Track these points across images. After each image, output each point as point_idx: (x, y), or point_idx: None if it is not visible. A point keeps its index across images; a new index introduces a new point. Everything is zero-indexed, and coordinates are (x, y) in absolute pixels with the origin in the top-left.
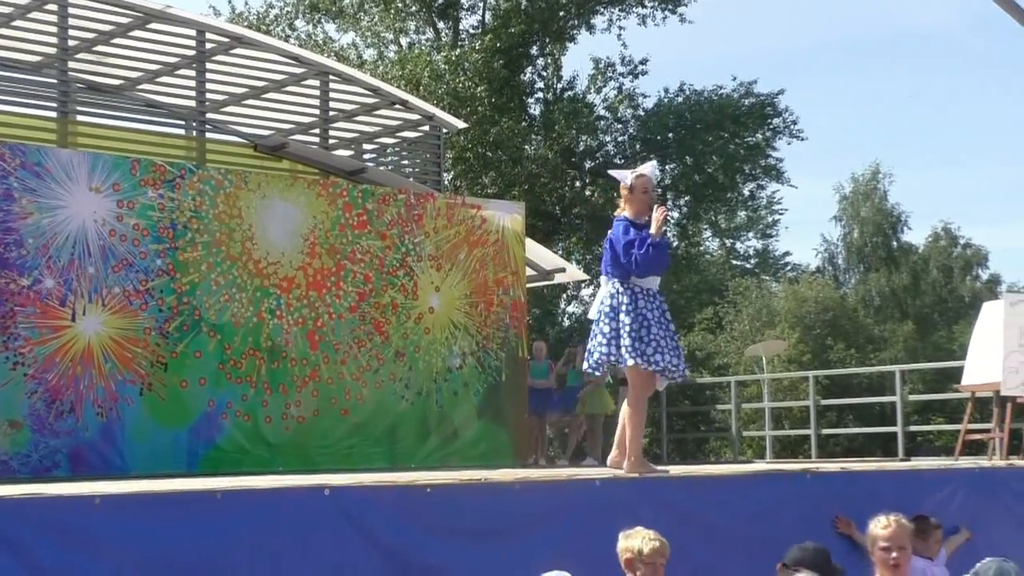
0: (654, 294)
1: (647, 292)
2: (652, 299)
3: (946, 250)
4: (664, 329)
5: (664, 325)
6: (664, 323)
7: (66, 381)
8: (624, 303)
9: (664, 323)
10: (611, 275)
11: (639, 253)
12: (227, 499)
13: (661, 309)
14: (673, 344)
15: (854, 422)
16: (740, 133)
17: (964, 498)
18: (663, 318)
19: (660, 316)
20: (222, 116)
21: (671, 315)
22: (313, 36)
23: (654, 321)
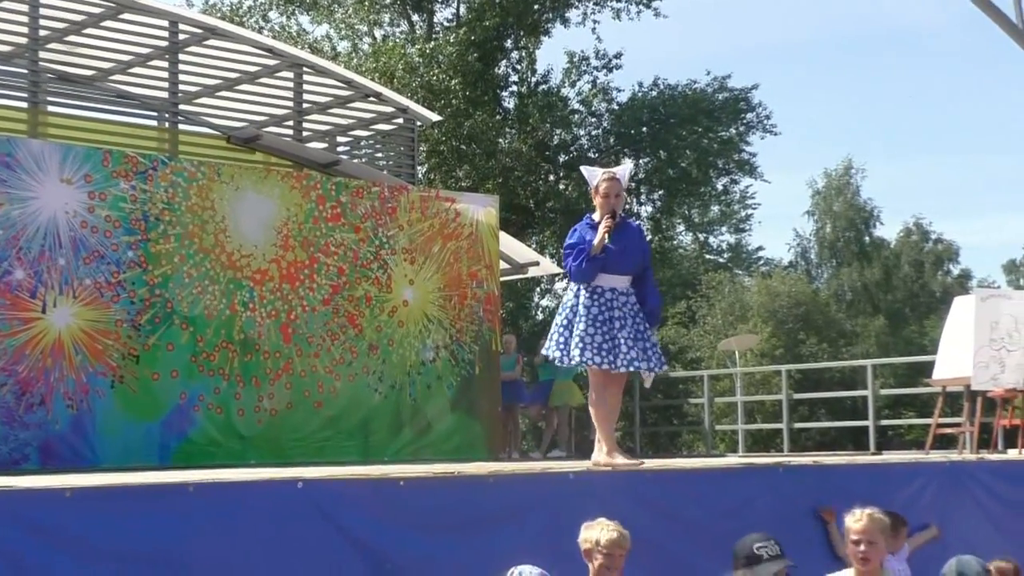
0: (615, 291)
1: (599, 290)
2: (597, 296)
3: (918, 245)
4: (599, 324)
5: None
6: (608, 320)
7: (36, 373)
8: (564, 300)
9: (608, 320)
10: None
11: (572, 264)
12: (200, 492)
13: (609, 305)
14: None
15: (826, 416)
16: (714, 128)
17: (935, 491)
18: (612, 315)
19: (608, 313)
20: (195, 108)
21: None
22: (287, 28)
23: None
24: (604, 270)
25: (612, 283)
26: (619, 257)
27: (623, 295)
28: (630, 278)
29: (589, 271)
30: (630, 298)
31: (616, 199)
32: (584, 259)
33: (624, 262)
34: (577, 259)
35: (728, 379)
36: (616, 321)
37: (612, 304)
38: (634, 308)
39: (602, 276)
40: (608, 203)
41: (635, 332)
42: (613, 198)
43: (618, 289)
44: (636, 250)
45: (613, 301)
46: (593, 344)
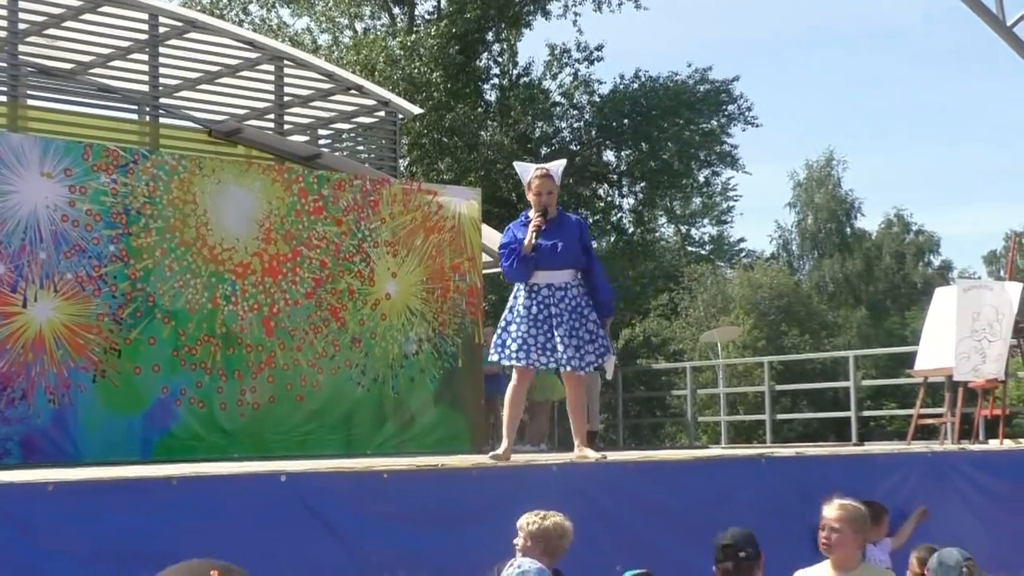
0: (552, 287)
1: (536, 287)
2: (534, 293)
3: (899, 237)
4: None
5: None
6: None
7: (17, 368)
8: (510, 299)
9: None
10: None
11: (504, 263)
12: (183, 486)
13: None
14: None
15: (808, 407)
16: (695, 119)
17: (916, 482)
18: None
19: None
20: (176, 101)
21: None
22: (267, 21)
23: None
24: (539, 267)
25: (548, 279)
26: (553, 253)
27: (561, 290)
28: (570, 272)
29: (521, 270)
30: (569, 292)
31: (548, 196)
32: (515, 259)
33: (559, 257)
34: (508, 259)
35: (710, 371)
36: (554, 319)
37: (549, 301)
38: (573, 303)
39: (538, 273)
40: (540, 201)
41: (570, 330)
42: (545, 196)
43: (555, 284)
44: (572, 244)
45: (550, 298)
46: (537, 345)
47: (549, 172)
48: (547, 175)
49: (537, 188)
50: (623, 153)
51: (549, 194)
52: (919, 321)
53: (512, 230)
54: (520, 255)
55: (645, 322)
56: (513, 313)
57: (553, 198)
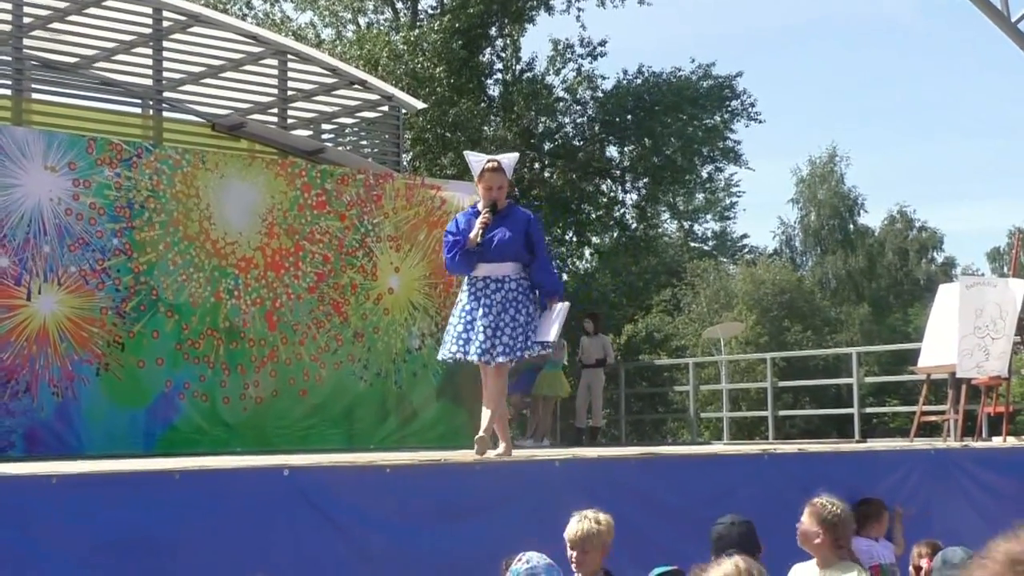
0: (488, 279)
1: (473, 279)
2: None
3: (902, 233)
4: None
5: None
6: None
7: (21, 360)
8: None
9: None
10: None
11: (446, 255)
12: (186, 479)
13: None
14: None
15: (810, 404)
16: (698, 115)
17: (919, 479)
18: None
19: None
20: (179, 95)
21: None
22: (270, 15)
23: (466, 308)
24: (481, 259)
25: (488, 272)
26: (495, 247)
27: (497, 283)
28: (512, 266)
29: (463, 263)
30: (507, 285)
31: (498, 191)
32: (458, 251)
33: (500, 251)
34: (451, 251)
35: (713, 367)
36: (480, 308)
37: (482, 293)
38: (509, 296)
39: (480, 266)
40: (490, 195)
41: (494, 321)
42: (495, 190)
43: (492, 277)
44: (517, 239)
45: (485, 289)
46: (455, 335)
47: (500, 165)
48: (499, 168)
49: (488, 182)
50: (626, 148)
51: (499, 188)
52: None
53: (456, 220)
54: (463, 248)
55: (648, 318)
56: (456, 308)
57: (503, 192)
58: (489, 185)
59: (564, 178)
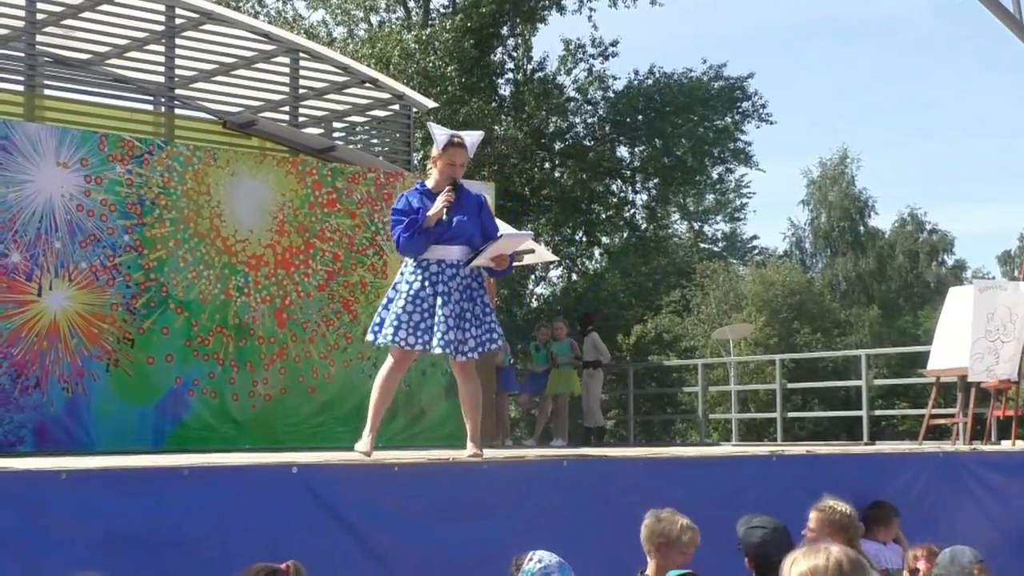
0: (443, 264)
1: (425, 263)
2: (426, 270)
3: (912, 235)
4: (423, 302)
5: (430, 298)
6: (432, 296)
7: (32, 356)
8: (398, 276)
9: (432, 296)
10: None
11: (402, 234)
12: (194, 476)
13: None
14: (429, 321)
15: (819, 406)
16: (709, 116)
17: (927, 482)
18: (435, 289)
19: (431, 289)
20: (191, 92)
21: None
22: (283, 13)
23: (416, 295)
24: (436, 242)
25: (441, 255)
26: (451, 228)
27: (452, 267)
28: (465, 249)
29: (419, 244)
30: (461, 271)
31: (460, 168)
32: (415, 230)
33: (456, 234)
34: (408, 230)
35: (722, 368)
36: (439, 297)
37: (437, 279)
38: (465, 282)
39: (433, 248)
40: (452, 171)
41: (458, 311)
42: (458, 167)
43: (446, 261)
44: (472, 220)
45: (440, 275)
46: (410, 324)
47: (465, 142)
48: (463, 145)
49: (451, 157)
50: (637, 149)
51: (461, 166)
52: (932, 321)
53: (407, 198)
54: (421, 228)
55: (657, 318)
56: (396, 290)
57: (463, 171)
58: (452, 161)
59: (574, 178)
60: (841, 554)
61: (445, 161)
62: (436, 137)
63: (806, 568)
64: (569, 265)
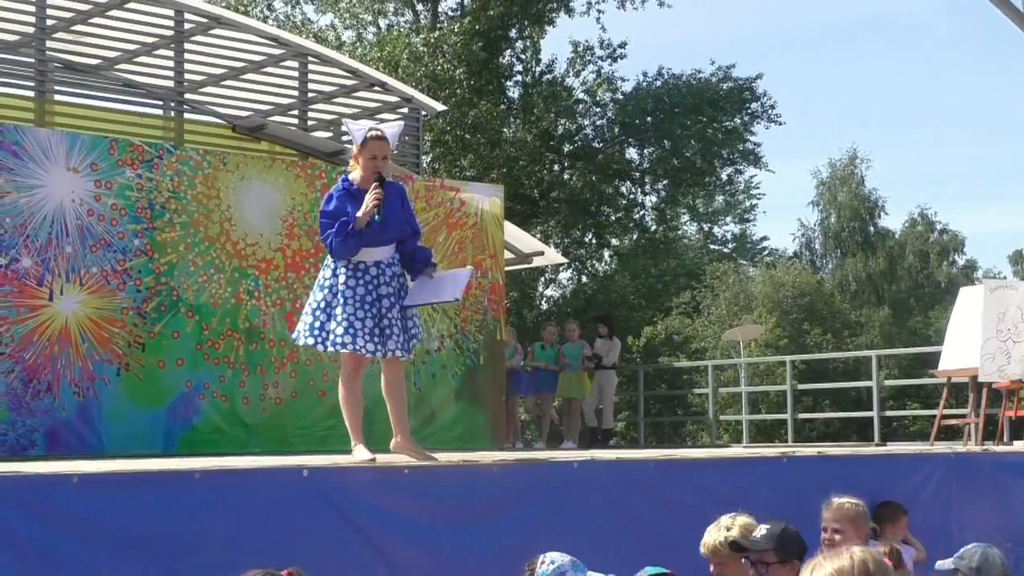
0: (380, 265)
1: (363, 266)
2: (364, 273)
3: (923, 235)
4: (371, 307)
5: (375, 303)
6: (376, 301)
7: (43, 360)
8: (326, 275)
9: (376, 301)
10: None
11: (334, 238)
12: (206, 480)
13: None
14: (379, 326)
15: (830, 407)
16: (718, 117)
17: (939, 483)
18: (379, 292)
19: (375, 292)
20: (200, 97)
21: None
22: (291, 17)
23: (362, 300)
24: (368, 244)
25: (376, 256)
26: (383, 226)
27: (388, 267)
28: (394, 246)
29: (353, 246)
30: (395, 269)
31: (383, 161)
32: (348, 233)
33: (389, 231)
34: (339, 233)
35: (732, 369)
36: (384, 300)
37: (378, 281)
38: (398, 283)
39: (364, 250)
40: (375, 165)
41: (400, 313)
42: (381, 160)
43: (383, 262)
44: (399, 215)
45: (379, 277)
46: (364, 330)
47: (385, 134)
48: (383, 137)
49: (373, 151)
50: (646, 151)
51: (384, 159)
52: (942, 321)
53: (335, 199)
54: (353, 231)
55: (667, 320)
56: (334, 293)
57: (388, 164)
58: (374, 154)
59: (584, 180)
60: (866, 554)
61: (366, 156)
62: (353, 133)
63: (832, 570)
64: (579, 267)
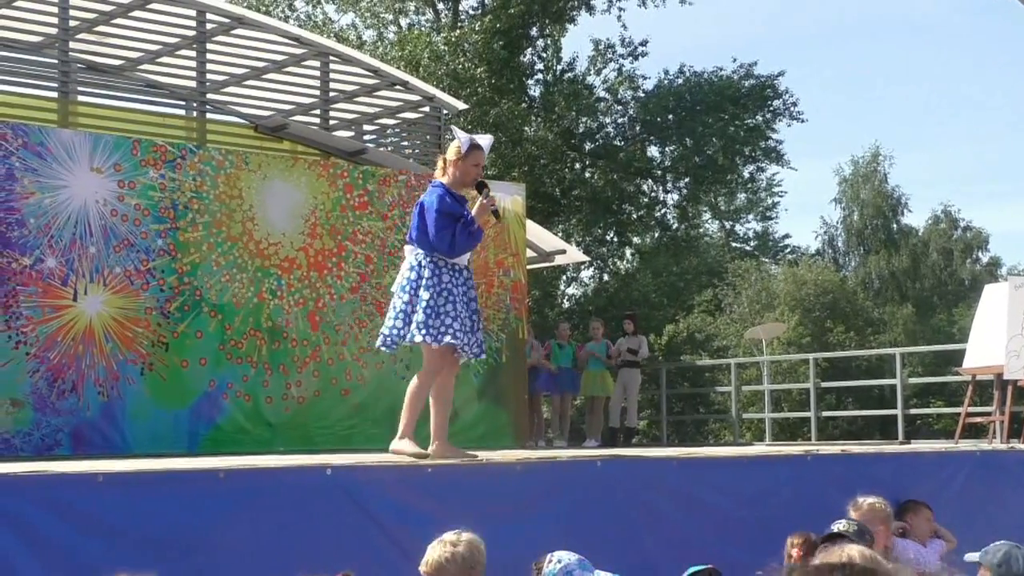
0: (460, 269)
1: (452, 267)
2: (457, 274)
3: (946, 233)
4: (464, 306)
5: (464, 302)
6: (465, 300)
7: (68, 360)
8: (426, 276)
9: (465, 300)
10: (416, 244)
11: (459, 234)
12: (230, 479)
13: (467, 285)
14: (470, 323)
15: (853, 405)
16: (740, 115)
17: (964, 481)
18: (466, 295)
19: (464, 292)
20: (223, 97)
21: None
22: (312, 17)
23: (457, 296)
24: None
25: (465, 261)
26: (478, 230)
27: (469, 271)
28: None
29: (473, 243)
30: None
31: (481, 170)
32: (471, 231)
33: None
34: (464, 233)
35: (755, 367)
36: (472, 302)
37: (468, 285)
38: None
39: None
40: (477, 173)
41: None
42: (480, 168)
43: (470, 268)
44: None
45: (469, 280)
46: (463, 329)
47: (482, 145)
48: (482, 147)
49: (476, 159)
50: (667, 149)
51: (482, 167)
52: (966, 319)
53: (444, 199)
54: (475, 229)
55: (689, 318)
56: (438, 291)
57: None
58: (477, 162)
59: (605, 178)
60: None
61: (471, 163)
62: (460, 139)
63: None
64: (600, 265)
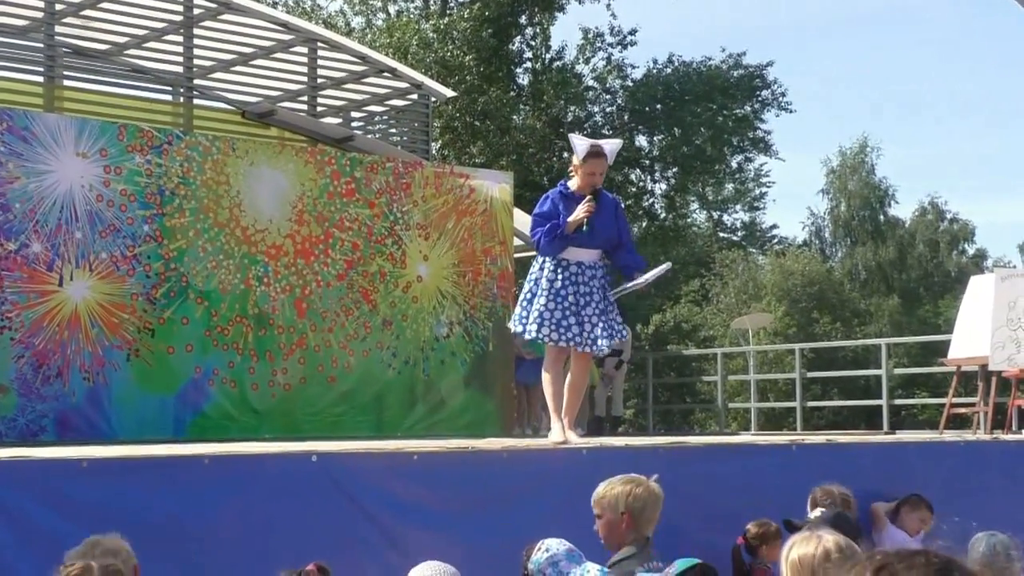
0: (567, 265)
1: (559, 262)
2: (564, 270)
3: (932, 224)
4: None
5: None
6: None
7: (53, 346)
8: (534, 269)
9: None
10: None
11: (543, 237)
12: (215, 464)
13: (577, 282)
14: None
15: (839, 395)
16: (728, 105)
17: (948, 471)
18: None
19: (573, 289)
20: (210, 82)
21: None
22: (300, 3)
23: (558, 292)
24: (578, 244)
25: (580, 256)
26: (592, 234)
27: (590, 268)
28: (600, 252)
29: (558, 247)
30: (597, 272)
31: (599, 178)
32: (556, 235)
33: (595, 238)
34: (550, 234)
35: (741, 357)
36: (582, 297)
37: (578, 279)
38: (601, 282)
39: (570, 249)
40: (592, 181)
41: (602, 307)
42: (597, 176)
43: (585, 263)
44: (609, 225)
45: (579, 276)
46: (552, 320)
47: (604, 152)
48: (602, 155)
49: (592, 167)
50: (655, 138)
51: (600, 175)
52: (952, 310)
53: (552, 200)
54: (561, 233)
55: (676, 308)
56: (538, 285)
57: (602, 179)
58: (592, 171)
59: None
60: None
61: (586, 171)
62: (576, 147)
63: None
64: None
